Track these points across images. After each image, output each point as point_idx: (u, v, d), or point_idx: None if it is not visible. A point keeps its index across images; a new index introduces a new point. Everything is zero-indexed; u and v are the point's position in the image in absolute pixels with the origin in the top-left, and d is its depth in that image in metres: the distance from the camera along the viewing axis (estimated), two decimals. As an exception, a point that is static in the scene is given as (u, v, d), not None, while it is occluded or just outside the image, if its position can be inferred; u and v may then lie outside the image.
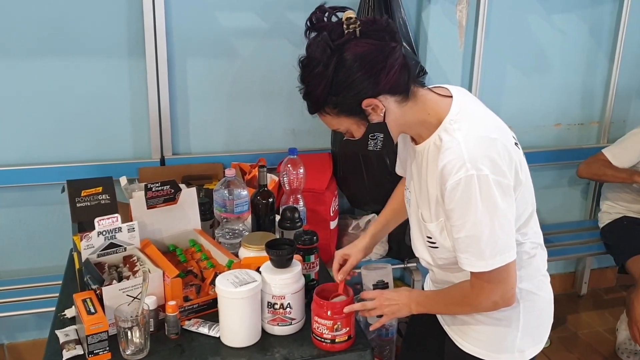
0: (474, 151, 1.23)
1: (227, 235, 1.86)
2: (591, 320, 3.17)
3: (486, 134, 1.27)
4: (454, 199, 1.23)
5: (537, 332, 1.47)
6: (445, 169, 1.24)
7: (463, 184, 1.21)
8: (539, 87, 2.97)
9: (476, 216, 1.22)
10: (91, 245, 1.56)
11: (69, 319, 1.56)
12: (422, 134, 1.34)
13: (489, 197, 1.22)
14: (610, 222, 2.87)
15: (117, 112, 2.43)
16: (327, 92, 1.24)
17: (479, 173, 1.21)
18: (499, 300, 1.32)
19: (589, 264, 3.34)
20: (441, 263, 1.42)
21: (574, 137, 3.14)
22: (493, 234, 1.24)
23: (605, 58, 3.03)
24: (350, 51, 1.21)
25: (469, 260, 1.27)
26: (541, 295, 1.45)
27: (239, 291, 1.41)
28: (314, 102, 1.29)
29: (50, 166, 2.38)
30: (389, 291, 1.51)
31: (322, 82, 1.23)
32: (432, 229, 1.36)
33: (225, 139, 2.61)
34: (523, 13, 2.82)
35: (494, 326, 1.42)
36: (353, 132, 1.32)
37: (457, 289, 1.39)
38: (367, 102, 1.25)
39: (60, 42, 2.30)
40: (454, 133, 1.26)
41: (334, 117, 1.29)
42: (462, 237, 1.26)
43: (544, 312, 1.48)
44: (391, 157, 2.43)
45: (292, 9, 2.50)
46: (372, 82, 1.23)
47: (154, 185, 1.69)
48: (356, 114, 1.27)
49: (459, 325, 1.48)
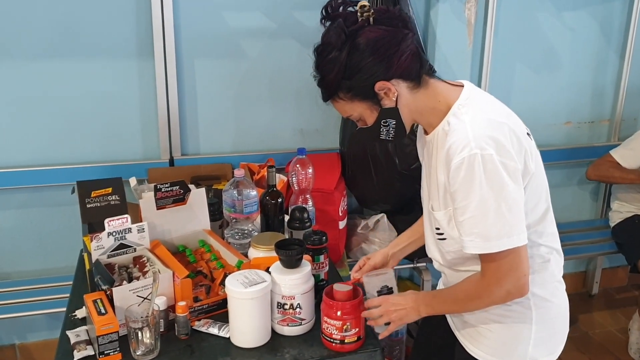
0: (479, 131, 1.23)
1: (237, 236, 1.86)
2: (603, 320, 3.15)
3: (494, 117, 1.27)
4: (457, 179, 1.23)
5: (551, 342, 1.44)
6: (450, 149, 1.24)
7: (467, 162, 1.21)
8: (549, 85, 2.95)
9: (481, 195, 1.21)
10: (101, 246, 1.56)
11: (79, 319, 1.56)
12: (432, 123, 1.34)
13: (493, 177, 1.21)
14: (622, 221, 2.85)
15: (126, 113, 2.44)
16: (341, 76, 1.27)
17: (483, 152, 1.20)
18: (511, 289, 1.29)
19: (600, 263, 3.32)
20: (450, 258, 1.41)
21: (584, 136, 3.11)
22: (499, 215, 1.22)
23: (616, 55, 3.01)
24: (363, 36, 1.25)
25: (475, 243, 1.25)
26: (555, 302, 1.42)
27: (249, 291, 1.41)
28: (327, 87, 1.31)
29: (60, 167, 2.39)
30: (395, 296, 1.48)
31: (335, 66, 1.26)
32: (440, 218, 1.35)
33: (234, 140, 2.61)
34: (532, 11, 2.81)
35: (506, 333, 1.40)
36: (366, 117, 1.33)
37: (467, 282, 1.36)
38: (380, 85, 1.27)
39: (69, 44, 2.31)
40: (462, 116, 1.27)
41: (347, 102, 1.31)
42: (467, 219, 1.24)
43: (557, 321, 1.44)
44: (400, 156, 2.42)
45: (299, 9, 2.50)
46: (384, 65, 1.25)
47: (164, 186, 1.70)
48: (369, 97, 1.29)
49: (469, 331, 1.46)
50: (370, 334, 1.51)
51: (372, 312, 1.44)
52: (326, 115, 2.68)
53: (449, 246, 1.38)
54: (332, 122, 2.68)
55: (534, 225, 1.33)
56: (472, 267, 1.37)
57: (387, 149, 2.44)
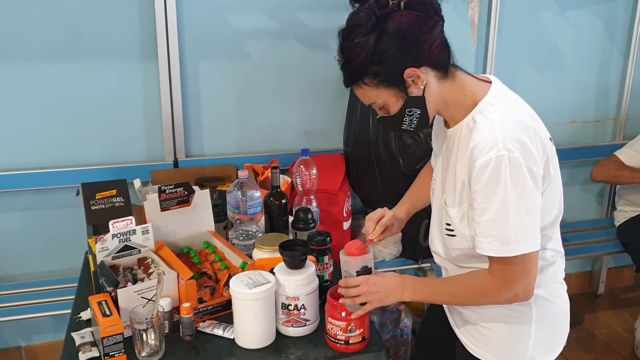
0: (507, 132, 1.21)
1: (241, 237, 1.87)
2: (609, 319, 3.14)
3: (521, 119, 1.26)
4: (481, 180, 1.21)
5: (550, 342, 1.44)
6: (476, 148, 1.22)
7: (493, 164, 1.19)
8: (553, 85, 2.94)
9: (504, 198, 1.20)
10: (106, 247, 1.57)
11: (84, 321, 1.57)
12: (456, 116, 1.33)
13: (518, 180, 1.20)
14: (627, 221, 2.84)
15: (130, 115, 2.45)
16: (369, 60, 1.22)
17: (511, 155, 1.19)
18: (520, 292, 1.28)
19: (605, 263, 3.31)
20: (455, 255, 1.40)
21: (589, 135, 3.10)
22: (519, 219, 1.21)
23: (620, 54, 3.00)
24: (394, 20, 1.21)
25: (492, 245, 1.23)
26: (556, 302, 1.42)
27: (253, 292, 1.41)
28: (353, 71, 1.26)
29: (65, 169, 2.40)
30: (375, 277, 1.42)
31: (364, 49, 1.22)
32: (453, 215, 1.33)
33: (238, 141, 2.61)
34: (536, 9, 2.80)
35: (506, 332, 1.40)
36: (390, 106, 1.29)
37: (472, 278, 1.34)
38: (410, 71, 1.24)
39: (73, 46, 2.31)
40: (489, 114, 1.25)
41: (373, 88, 1.27)
42: (486, 220, 1.23)
43: (558, 321, 1.44)
44: (404, 157, 2.42)
45: (303, 10, 2.50)
46: (415, 52, 1.22)
47: (168, 188, 1.70)
48: (396, 84, 1.26)
49: (470, 330, 1.46)
50: (374, 335, 1.50)
51: (351, 291, 1.40)
52: (330, 116, 2.68)
53: (458, 243, 1.37)
54: (336, 123, 2.68)
55: (544, 230, 1.33)
56: (476, 265, 1.36)
57: (391, 149, 2.43)
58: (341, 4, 2.52)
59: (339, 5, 2.53)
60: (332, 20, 2.54)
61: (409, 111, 1.29)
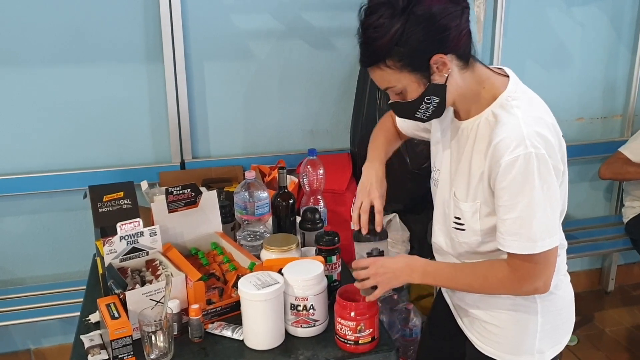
0: (532, 129, 1.20)
1: (249, 238, 1.86)
2: (619, 317, 3.12)
3: (542, 115, 1.25)
4: (507, 177, 1.19)
5: (557, 333, 1.43)
6: (501, 143, 1.20)
7: (522, 161, 1.17)
8: (560, 82, 2.93)
9: (532, 196, 1.19)
10: (114, 250, 1.56)
11: (93, 323, 1.57)
12: (471, 109, 1.31)
13: (545, 177, 1.19)
14: (635, 217, 2.83)
15: (136, 117, 2.45)
16: (395, 42, 1.17)
17: (537, 152, 1.18)
18: (540, 286, 1.28)
19: (615, 260, 3.29)
20: (461, 250, 1.39)
21: (597, 131, 3.09)
22: (545, 215, 1.21)
23: (627, 50, 2.98)
24: (425, 3, 1.16)
25: (519, 243, 1.22)
26: (559, 294, 1.41)
27: (262, 293, 1.40)
28: (376, 51, 1.21)
29: (72, 172, 2.40)
30: (384, 258, 1.42)
31: (391, 29, 1.16)
32: (465, 209, 1.32)
33: (244, 142, 2.61)
34: (542, 6, 2.79)
35: (513, 328, 1.40)
36: (410, 92, 1.25)
37: (491, 270, 1.31)
38: (437, 57, 1.20)
39: (78, 49, 2.32)
40: (512, 109, 1.24)
41: (395, 71, 1.22)
42: (513, 218, 1.21)
43: (563, 312, 1.44)
44: (411, 156, 2.41)
45: (307, 10, 2.50)
46: (443, 38, 1.19)
47: (175, 189, 1.70)
48: (421, 70, 1.21)
49: (477, 327, 1.46)
50: (384, 335, 1.50)
51: (360, 273, 1.39)
52: (336, 115, 2.67)
53: (466, 238, 1.35)
54: (342, 123, 2.67)
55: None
56: (479, 259, 1.36)
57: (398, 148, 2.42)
58: (345, 3, 2.54)
59: (343, 4, 2.53)
60: (337, 19, 2.55)
61: (427, 99, 1.25)
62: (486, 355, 1.44)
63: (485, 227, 1.31)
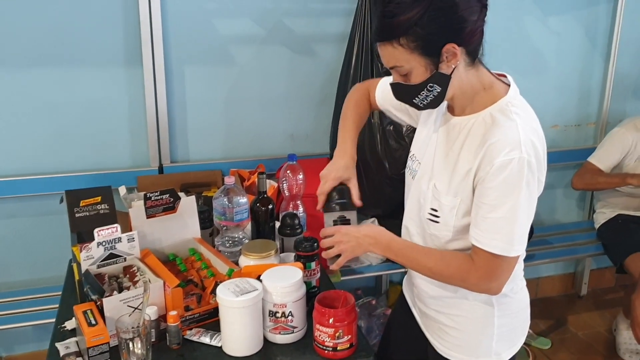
0: (528, 136, 1.23)
1: (227, 244, 1.86)
2: (592, 320, 3.17)
3: (536, 128, 1.29)
4: (499, 177, 1.21)
5: (513, 335, 1.47)
6: (497, 144, 1.22)
7: (515, 164, 1.20)
8: (536, 89, 2.97)
9: (518, 200, 1.21)
10: (91, 256, 1.55)
11: (69, 330, 1.55)
12: (466, 107, 1.33)
13: (531, 184, 1.23)
14: (606, 222, 2.89)
15: (115, 120, 2.43)
16: (414, 22, 1.18)
17: (530, 159, 1.21)
18: (494, 287, 1.31)
19: (588, 265, 3.35)
20: (430, 242, 1.40)
21: (571, 138, 3.14)
22: (525, 222, 1.25)
23: (601, 59, 3.04)
24: None
25: (497, 243, 1.24)
26: (515, 298, 1.45)
27: (240, 300, 1.40)
28: (393, 27, 1.20)
29: (48, 176, 2.37)
30: (349, 226, 1.43)
31: (415, 8, 1.17)
32: (446, 203, 1.33)
33: (224, 146, 2.60)
34: (519, 15, 2.83)
35: (471, 330, 1.43)
36: (415, 75, 1.25)
37: (455, 260, 1.33)
38: (449, 47, 1.21)
39: (57, 51, 2.29)
40: (512, 115, 1.26)
41: (406, 51, 1.22)
42: (496, 218, 1.23)
43: (519, 315, 1.48)
44: (390, 161, 2.43)
45: (289, 16, 2.51)
46: (460, 29, 1.21)
47: (153, 195, 1.69)
48: (431, 56, 1.22)
49: (436, 330, 1.49)
50: (362, 341, 1.51)
51: (324, 242, 1.42)
52: (316, 120, 2.68)
53: (438, 230, 1.37)
54: (322, 127, 2.68)
55: None
56: None
57: (377, 153, 2.44)
58: (326, 10, 2.55)
59: (325, 11, 2.55)
60: (318, 26, 2.57)
61: (430, 86, 1.26)
62: (447, 358, 1.47)
63: (458, 224, 1.33)
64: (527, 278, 1.50)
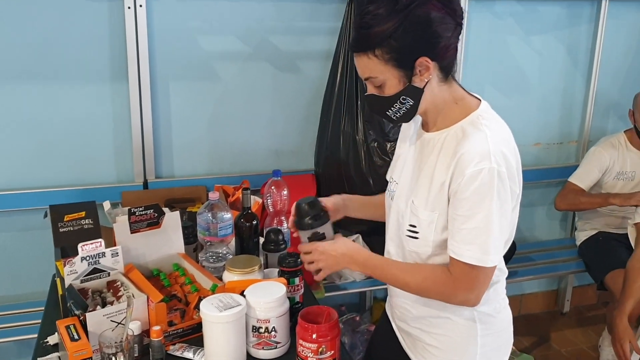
0: (498, 147, 1.25)
1: (211, 259, 1.86)
2: (574, 337, 3.19)
3: (507, 139, 1.31)
4: (470, 188, 1.23)
5: (497, 354, 1.47)
6: (466, 155, 1.24)
7: (485, 174, 1.22)
8: (518, 107, 3.02)
9: (490, 210, 1.23)
10: (74, 270, 1.55)
11: (51, 346, 1.54)
12: (439, 122, 1.35)
13: (502, 194, 1.24)
14: (587, 240, 2.93)
15: (99, 136, 2.43)
16: (389, 34, 1.23)
17: (500, 169, 1.23)
18: (473, 298, 1.32)
19: (571, 282, 3.38)
20: (410, 259, 1.41)
21: (553, 156, 3.19)
22: (499, 232, 1.26)
23: (583, 78, 3.10)
24: (427, 7, 1.23)
25: (472, 253, 1.25)
26: (499, 317, 1.45)
27: (224, 315, 1.41)
28: (370, 38, 1.25)
29: (33, 191, 2.36)
30: (324, 243, 1.46)
31: (390, 20, 1.22)
32: (424, 218, 1.34)
33: (209, 162, 2.61)
34: (502, 34, 2.88)
35: (455, 349, 1.43)
36: (388, 87, 1.29)
37: (432, 273, 1.34)
38: (423, 60, 1.25)
39: (42, 67, 2.30)
40: (482, 127, 1.28)
41: (381, 62, 1.27)
42: (469, 229, 1.25)
43: (502, 334, 1.48)
44: (374, 177, 2.45)
45: (273, 33, 2.53)
46: (434, 44, 1.25)
47: (138, 210, 1.69)
48: (405, 68, 1.26)
49: (421, 351, 1.48)
50: (345, 357, 1.51)
51: (304, 258, 1.47)
52: (301, 136, 2.70)
53: (417, 247, 1.37)
54: (307, 144, 2.70)
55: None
56: None
57: (361, 170, 2.46)
58: (311, 29, 2.58)
59: (309, 30, 2.58)
60: (302, 44, 2.59)
61: (403, 99, 1.29)
62: None
63: (437, 239, 1.34)
64: (510, 295, 1.51)
